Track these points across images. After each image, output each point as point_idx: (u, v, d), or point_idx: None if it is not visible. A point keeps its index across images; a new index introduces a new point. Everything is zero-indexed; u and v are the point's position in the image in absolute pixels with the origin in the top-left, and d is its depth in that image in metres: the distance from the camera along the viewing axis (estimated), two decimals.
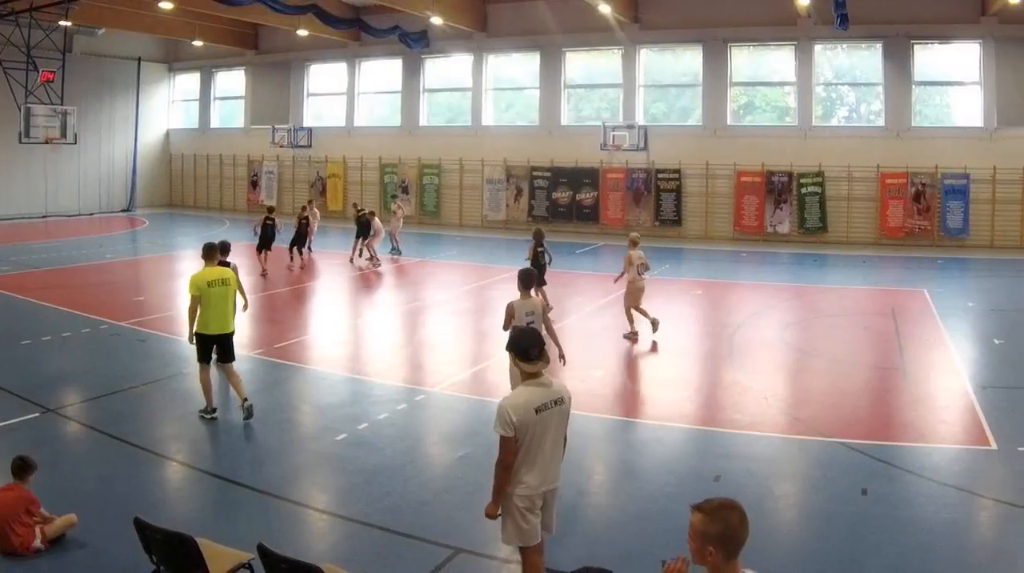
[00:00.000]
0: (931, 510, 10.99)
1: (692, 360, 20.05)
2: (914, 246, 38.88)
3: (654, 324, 21.10)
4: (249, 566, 8.04)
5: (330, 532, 10.75)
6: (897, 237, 39.68)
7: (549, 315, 14.57)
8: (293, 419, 15.29)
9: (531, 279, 14.58)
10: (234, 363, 14.99)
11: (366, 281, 31.48)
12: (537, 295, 15.16)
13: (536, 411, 7.88)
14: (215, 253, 15.00)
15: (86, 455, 13.26)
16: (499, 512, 8.14)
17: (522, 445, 7.89)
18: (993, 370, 18.57)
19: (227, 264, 16.46)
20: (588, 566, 5.22)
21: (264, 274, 30.18)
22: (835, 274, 33.47)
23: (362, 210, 35.92)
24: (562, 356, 14.24)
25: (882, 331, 22.43)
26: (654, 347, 20.74)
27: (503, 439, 7.85)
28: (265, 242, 30.97)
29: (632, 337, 21.16)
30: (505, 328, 13.72)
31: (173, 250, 37.73)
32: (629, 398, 17.01)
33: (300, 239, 33.52)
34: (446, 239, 43.26)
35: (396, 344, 21.84)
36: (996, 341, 21.15)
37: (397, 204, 39.45)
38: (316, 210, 38.24)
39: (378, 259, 34.05)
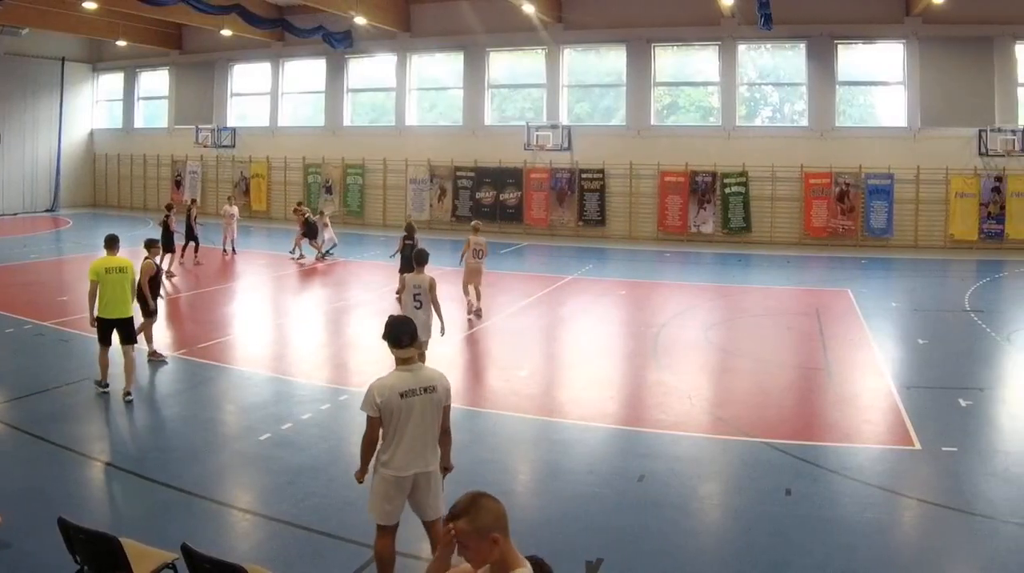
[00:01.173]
0: (855, 510, 10.81)
1: (616, 360, 19.69)
2: (838, 246, 38.14)
3: (478, 311, 23.11)
4: (173, 566, 7.80)
5: (254, 532, 10.48)
6: (821, 237, 38.85)
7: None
8: (217, 419, 14.90)
9: (423, 259, 16.30)
10: (134, 346, 15.66)
11: (291, 281, 30.56)
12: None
13: (401, 395, 8.13)
14: (115, 244, 16.03)
15: (10, 455, 12.77)
16: (364, 480, 8.64)
17: (387, 426, 8.18)
18: (917, 370, 18.37)
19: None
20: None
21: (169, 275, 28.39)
22: (759, 274, 32.93)
23: (307, 213, 35.25)
24: (442, 328, 16.10)
25: (806, 331, 22.00)
26: (477, 318, 22.70)
27: (368, 418, 8.22)
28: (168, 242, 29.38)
29: (473, 310, 23.06)
30: (397, 294, 16.90)
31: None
32: (553, 398, 16.53)
33: (189, 234, 31.94)
34: (369, 239, 41.79)
35: (320, 344, 21.30)
36: (920, 341, 20.88)
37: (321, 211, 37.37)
38: (235, 208, 36.45)
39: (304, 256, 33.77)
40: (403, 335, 8.30)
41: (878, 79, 40.41)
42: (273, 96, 51.94)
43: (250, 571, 6.98)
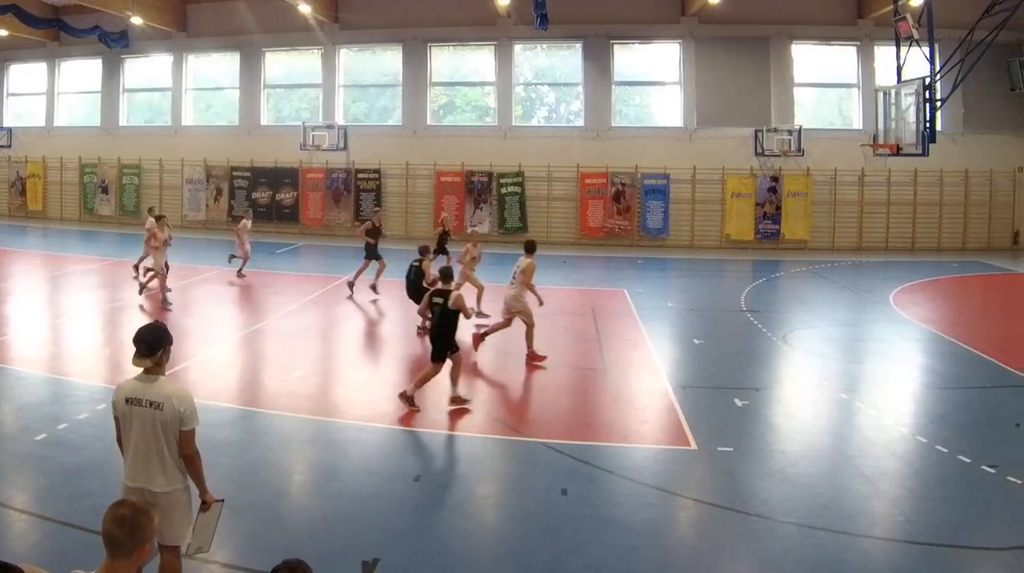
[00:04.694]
0: (632, 510, 9.36)
1: (392, 360, 17.07)
2: (614, 246, 32.79)
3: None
4: None
5: (30, 532, 8.75)
6: (597, 237, 33.16)
7: None
8: None
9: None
10: None
11: (66, 281, 25.47)
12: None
13: (126, 401, 6.59)
14: None
15: None
16: None
17: (120, 430, 6.69)
18: (693, 370, 16.33)
19: None
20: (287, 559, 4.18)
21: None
22: (535, 274, 27.88)
23: None
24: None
25: (582, 331, 19.21)
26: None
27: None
28: None
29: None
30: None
31: None
32: (329, 398, 14.18)
33: None
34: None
35: (96, 345, 17.97)
36: (696, 341, 18.44)
37: None
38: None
39: None
40: (139, 344, 6.57)
41: (654, 79, 35.11)
42: (49, 96, 42.38)
43: (27, 571, 5.12)
